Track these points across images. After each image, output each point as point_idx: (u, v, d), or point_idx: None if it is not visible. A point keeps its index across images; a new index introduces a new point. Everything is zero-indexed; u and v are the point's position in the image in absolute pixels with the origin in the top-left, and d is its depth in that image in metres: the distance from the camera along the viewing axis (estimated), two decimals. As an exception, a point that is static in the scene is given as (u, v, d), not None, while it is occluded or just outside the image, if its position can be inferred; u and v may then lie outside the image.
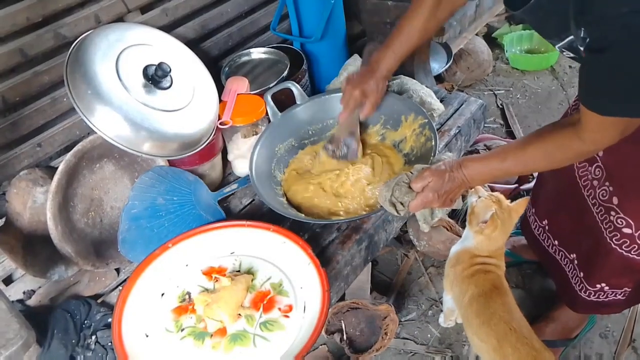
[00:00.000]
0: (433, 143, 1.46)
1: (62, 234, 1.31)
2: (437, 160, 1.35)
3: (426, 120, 1.52)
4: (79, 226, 1.41)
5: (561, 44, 1.04)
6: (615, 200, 1.32)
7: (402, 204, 1.24)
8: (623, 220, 1.32)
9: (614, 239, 1.36)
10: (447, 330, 1.85)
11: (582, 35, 0.90)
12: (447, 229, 1.99)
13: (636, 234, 1.31)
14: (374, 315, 1.73)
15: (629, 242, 1.33)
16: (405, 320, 1.90)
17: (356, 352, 1.71)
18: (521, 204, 1.47)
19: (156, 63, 1.40)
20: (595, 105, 0.96)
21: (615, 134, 1.01)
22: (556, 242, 1.63)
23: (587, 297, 1.55)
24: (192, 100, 1.49)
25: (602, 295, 1.51)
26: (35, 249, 1.37)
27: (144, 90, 1.39)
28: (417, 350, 1.80)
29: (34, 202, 1.38)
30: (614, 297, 1.51)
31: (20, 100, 1.41)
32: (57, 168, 1.33)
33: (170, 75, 1.43)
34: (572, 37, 0.98)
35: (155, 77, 1.39)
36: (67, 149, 1.50)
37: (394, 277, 2.03)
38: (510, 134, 2.67)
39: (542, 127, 1.17)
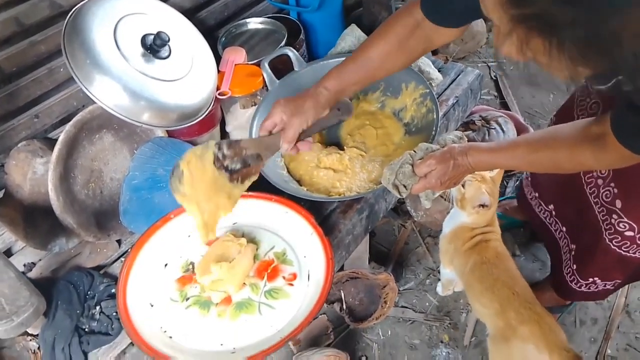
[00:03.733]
0: (435, 116, 1.46)
1: (63, 205, 1.30)
2: (442, 140, 1.33)
3: (427, 90, 1.51)
4: (79, 197, 1.40)
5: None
6: (618, 203, 1.30)
7: (405, 186, 1.25)
8: (626, 225, 1.30)
9: (613, 241, 1.35)
10: (445, 298, 1.88)
11: None
12: (445, 199, 2.01)
13: (637, 236, 1.30)
14: (373, 284, 1.75)
15: (629, 243, 1.33)
16: (404, 290, 1.92)
17: (356, 321, 1.73)
18: (499, 174, 1.47)
19: (154, 32, 1.37)
20: (632, 145, 0.93)
21: (633, 163, 1.00)
22: (564, 229, 1.61)
23: (577, 288, 1.56)
24: (191, 70, 1.47)
25: (594, 287, 1.53)
26: (35, 221, 1.36)
27: (143, 60, 1.36)
28: (415, 318, 1.83)
29: (34, 174, 1.36)
30: (604, 287, 1.52)
31: (17, 71, 1.38)
32: (56, 139, 1.31)
33: (168, 45, 1.40)
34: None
35: (154, 46, 1.37)
36: (64, 120, 1.48)
37: (392, 247, 2.05)
38: (505, 105, 2.68)
39: (557, 129, 1.13)
